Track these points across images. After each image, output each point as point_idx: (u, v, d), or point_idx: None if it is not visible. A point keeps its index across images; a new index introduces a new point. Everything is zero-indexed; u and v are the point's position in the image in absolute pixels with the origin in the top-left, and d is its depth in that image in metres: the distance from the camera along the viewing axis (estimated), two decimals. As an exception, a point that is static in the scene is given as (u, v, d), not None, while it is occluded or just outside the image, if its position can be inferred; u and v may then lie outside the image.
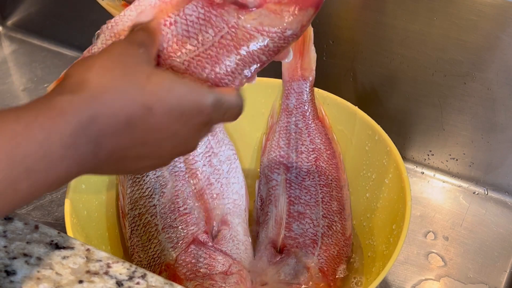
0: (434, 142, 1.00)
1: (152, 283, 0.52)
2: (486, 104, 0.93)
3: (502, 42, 0.86)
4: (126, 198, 0.81)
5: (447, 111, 0.96)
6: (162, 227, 0.79)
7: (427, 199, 0.98)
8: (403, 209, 0.74)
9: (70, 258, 0.53)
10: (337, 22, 0.96)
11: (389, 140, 0.82)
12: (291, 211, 0.83)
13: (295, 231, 0.81)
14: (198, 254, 0.77)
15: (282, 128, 0.88)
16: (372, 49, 0.96)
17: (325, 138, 0.87)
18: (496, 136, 0.95)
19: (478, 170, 0.99)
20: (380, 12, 0.91)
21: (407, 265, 0.89)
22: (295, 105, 0.88)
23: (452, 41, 0.89)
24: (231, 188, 0.83)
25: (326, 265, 0.79)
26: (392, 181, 0.80)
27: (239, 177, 0.85)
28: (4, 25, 1.27)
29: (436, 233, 0.93)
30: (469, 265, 0.89)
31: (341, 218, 0.83)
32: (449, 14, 0.87)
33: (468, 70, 0.91)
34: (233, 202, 0.83)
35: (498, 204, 0.98)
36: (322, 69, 0.91)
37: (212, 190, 0.82)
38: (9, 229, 0.54)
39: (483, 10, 0.85)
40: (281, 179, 0.85)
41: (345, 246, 0.82)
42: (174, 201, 0.80)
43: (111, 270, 0.52)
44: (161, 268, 0.77)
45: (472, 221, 0.95)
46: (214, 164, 0.83)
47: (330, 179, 0.85)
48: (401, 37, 0.92)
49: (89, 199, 0.79)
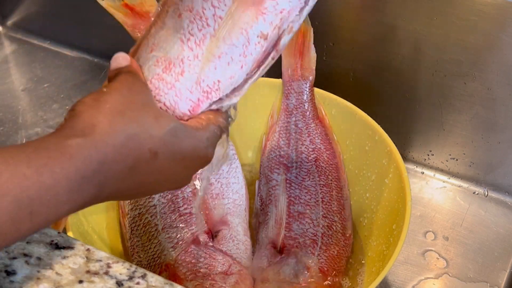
0: (434, 142, 1.00)
1: (152, 283, 0.52)
2: (486, 104, 0.93)
3: (502, 42, 0.86)
4: (126, 198, 0.81)
5: (447, 111, 0.96)
6: (162, 227, 0.79)
7: (427, 199, 0.98)
8: (403, 209, 0.74)
9: (70, 258, 0.53)
10: (337, 22, 0.96)
11: (389, 140, 0.82)
12: (291, 211, 0.83)
13: (295, 231, 0.81)
14: (198, 254, 0.77)
15: (282, 128, 0.88)
16: (372, 49, 0.96)
17: (325, 138, 0.87)
18: (496, 136, 0.95)
19: (478, 170, 0.99)
20: (380, 12, 0.91)
21: (407, 265, 0.89)
22: (295, 105, 0.88)
23: (452, 41, 0.89)
24: (231, 188, 0.83)
25: (326, 265, 0.79)
26: (392, 181, 0.80)
27: (239, 177, 0.85)
28: (4, 25, 1.27)
29: (436, 233, 0.93)
30: (469, 265, 0.89)
31: (341, 218, 0.83)
32: (449, 14, 0.87)
33: (468, 70, 0.91)
34: (233, 202, 0.83)
35: (498, 204, 0.98)
36: (322, 69, 0.91)
37: (212, 190, 0.82)
38: (9, 229, 0.54)
39: (483, 10, 0.85)
40: (281, 179, 0.85)
41: (345, 246, 0.82)
42: (174, 201, 0.80)
43: (111, 270, 0.52)
44: (161, 268, 0.77)
45: (472, 221, 0.95)
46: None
47: (330, 179, 0.85)
48: (401, 37, 0.92)
49: (89, 199, 0.79)
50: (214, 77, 0.55)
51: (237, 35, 0.54)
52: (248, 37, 0.54)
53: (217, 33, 0.54)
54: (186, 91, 0.55)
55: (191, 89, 0.55)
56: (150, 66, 0.56)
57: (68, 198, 0.45)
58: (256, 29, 0.54)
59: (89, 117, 0.48)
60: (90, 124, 0.47)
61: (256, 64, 0.56)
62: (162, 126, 0.51)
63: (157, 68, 0.55)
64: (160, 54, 0.56)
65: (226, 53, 0.55)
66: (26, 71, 1.20)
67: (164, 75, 0.55)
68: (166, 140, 0.51)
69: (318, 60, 0.88)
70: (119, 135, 0.48)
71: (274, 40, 0.55)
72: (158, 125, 0.50)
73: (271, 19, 0.54)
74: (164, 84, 0.55)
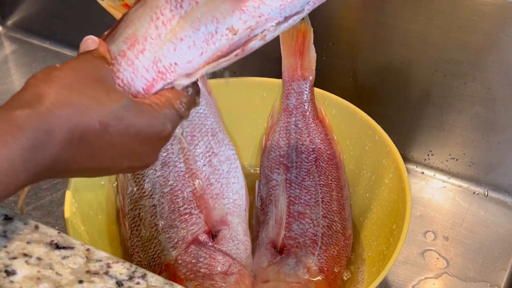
0: (434, 142, 1.00)
1: (152, 283, 0.52)
2: (486, 104, 0.93)
3: (502, 42, 0.86)
4: (126, 198, 0.81)
5: (447, 111, 0.96)
6: (162, 227, 0.79)
7: (427, 199, 0.98)
8: (403, 209, 0.74)
9: (70, 258, 0.53)
10: (337, 22, 0.96)
11: (389, 140, 0.82)
12: (291, 211, 0.83)
13: (295, 231, 0.81)
14: (198, 254, 0.77)
15: (282, 128, 0.88)
16: (372, 49, 0.96)
17: (325, 138, 0.87)
18: (496, 136, 0.95)
19: (478, 170, 0.99)
20: (380, 12, 0.91)
21: (407, 265, 0.89)
22: (295, 105, 0.88)
23: (452, 41, 0.89)
24: (231, 188, 0.83)
25: (326, 265, 0.79)
26: (392, 181, 0.80)
27: (239, 177, 0.85)
28: (4, 25, 1.27)
29: (436, 233, 0.93)
30: (469, 265, 0.89)
31: (341, 218, 0.83)
32: (449, 14, 0.87)
33: (468, 70, 0.91)
34: (233, 202, 0.83)
35: (498, 204, 0.98)
36: (322, 69, 0.91)
37: (212, 190, 0.81)
38: (9, 229, 0.54)
39: (483, 10, 0.85)
40: (281, 179, 0.85)
41: (345, 246, 0.82)
42: (174, 201, 0.80)
43: (111, 270, 0.52)
44: (161, 268, 0.77)
45: (472, 221, 0.95)
46: (214, 164, 0.83)
47: (330, 179, 0.85)
48: (401, 37, 0.92)
49: (89, 199, 0.79)
50: (172, 59, 0.56)
51: (207, 21, 0.55)
52: (217, 26, 0.55)
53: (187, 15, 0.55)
54: (142, 69, 0.56)
55: (147, 68, 0.56)
56: (120, 42, 0.57)
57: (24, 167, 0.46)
58: (228, 22, 0.55)
59: (36, 89, 0.49)
60: (36, 95, 0.48)
61: (217, 55, 0.56)
62: (112, 100, 0.51)
63: (125, 44, 0.56)
64: (130, 31, 0.56)
65: (190, 37, 0.55)
66: (26, 71, 1.20)
67: (128, 52, 0.56)
68: (117, 114, 0.51)
69: (318, 60, 0.88)
70: (65, 105, 0.49)
71: (243, 39, 0.55)
72: (108, 99, 0.51)
73: (247, 19, 0.54)
74: (126, 61, 0.56)
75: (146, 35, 0.56)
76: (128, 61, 0.56)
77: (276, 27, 0.55)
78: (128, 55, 0.56)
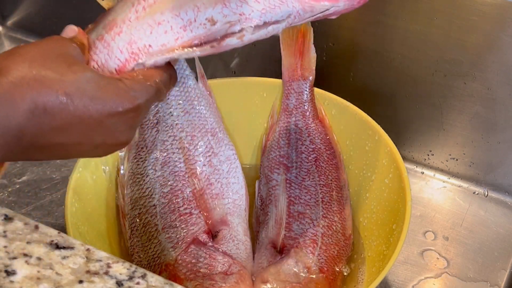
0: (434, 142, 1.00)
1: (152, 283, 0.52)
2: (486, 104, 0.93)
3: (502, 42, 0.86)
4: (126, 198, 0.81)
5: (447, 111, 0.96)
6: (162, 227, 0.79)
7: (427, 199, 0.98)
8: (403, 209, 0.74)
9: (70, 258, 0.53)
10: (337, 22, 0.96)
11: (389, 140, 0.82)
12: (291, 211, 0.83)
13: (295, 231, 0.81)
14: (198, 254, 0.77)
15: (282, 128, 0.88)
16: (372, 49, 0.96)
17: (325, 138, 0.87)
18: (496, 136, 0.95)
19: (478, 170, 0.99)
20: (380, 12, 0.91)
21: (407, 265, 0.89)
22: (295, 105, 0.88)
23: (452, 41, 0.89)
24: (231, 188, 0.83)
25: (326, 265, 0.79)
26: (392, 181, 0.80)
27: (239, 177, 0.85)
28: (4, 25, 1.27)
29: (436, 233, 0.93)
30: (469, 265, 0.89)
31: (341, 218, 0.83)
32: (449, 14, 0.87)
33: (468, 70, 0.91)
34: (233, 202, 0.83)
35: (498, 204, 0.98)
36: (322, 69, 0.91)
37: (212, 190, 0.81)
38: (9, 229, 0.54)
39: (483, 10, 0.85)
40: (281, 179, 0.85)
41: (345, 246, 0.82)
42: (174, 201, 0.80)
43: (111, 270, 0.52)
44: (161, 268, 0.77)
45: (472, 221, 0.95)
46: (214, 164, 0.83)
47: (330, 179, 0.85)
48: (401, 37, 0.92)
49: (89, 199, 0.79)
50: (147, 41, 0.57)
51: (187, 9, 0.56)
52: (197, 15, 0.56)
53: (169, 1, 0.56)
54: (117, 50, 0.57)
55: (122, 49, 0.57)
56: (99, 28, 0.58)
57: None
58: (209, 13, 0.56)
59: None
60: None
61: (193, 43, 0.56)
62: (75, 72, 0.51)
63: (103, 29, 0.58)
64: (111, 18, 0.58)
65: (168, 21, 0.56)
66: (26, 71, 1.20)
67: (106, 35, 0.57)
68: (79, 85, 0.50)
69: (318, 60, 0.88)
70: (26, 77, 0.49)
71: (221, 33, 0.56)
72: (70, 71, 0.51)
73: (228, 13, 0.55)
74: (102, 43, 0.57)
75: (125, 19, 0.57)
76: (104, 43, 0.57)
77: (255, 29, 0.56)
78: (105, 38, 0.57)
